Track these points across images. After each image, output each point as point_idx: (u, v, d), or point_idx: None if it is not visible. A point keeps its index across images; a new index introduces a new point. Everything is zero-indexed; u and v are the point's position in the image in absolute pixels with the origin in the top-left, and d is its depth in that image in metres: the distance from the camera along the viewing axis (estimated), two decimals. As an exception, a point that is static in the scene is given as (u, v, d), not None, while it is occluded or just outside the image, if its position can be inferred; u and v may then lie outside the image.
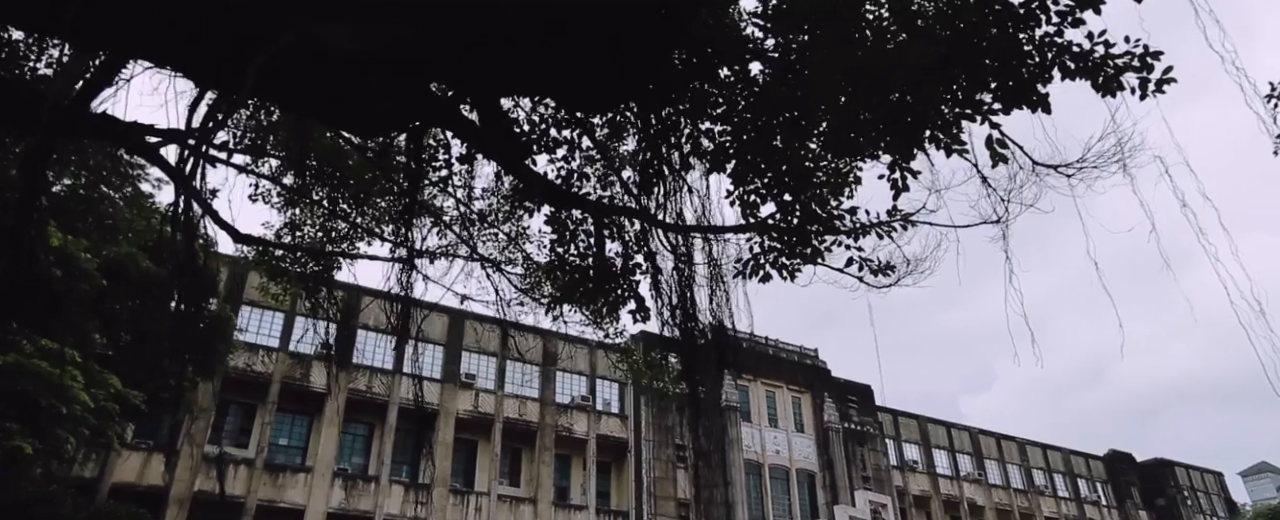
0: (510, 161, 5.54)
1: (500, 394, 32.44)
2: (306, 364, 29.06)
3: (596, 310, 8.14)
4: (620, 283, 6.22)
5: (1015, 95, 4.47)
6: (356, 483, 28.28)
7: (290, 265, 8.62)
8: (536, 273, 8.34)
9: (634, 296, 6.36)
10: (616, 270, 6.25)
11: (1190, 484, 54.02)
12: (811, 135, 4.94)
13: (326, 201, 7.87)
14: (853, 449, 39.21)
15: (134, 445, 24.87)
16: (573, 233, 6.32)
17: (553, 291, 8.01)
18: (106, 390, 15.33)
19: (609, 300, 6.26)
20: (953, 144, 4.73)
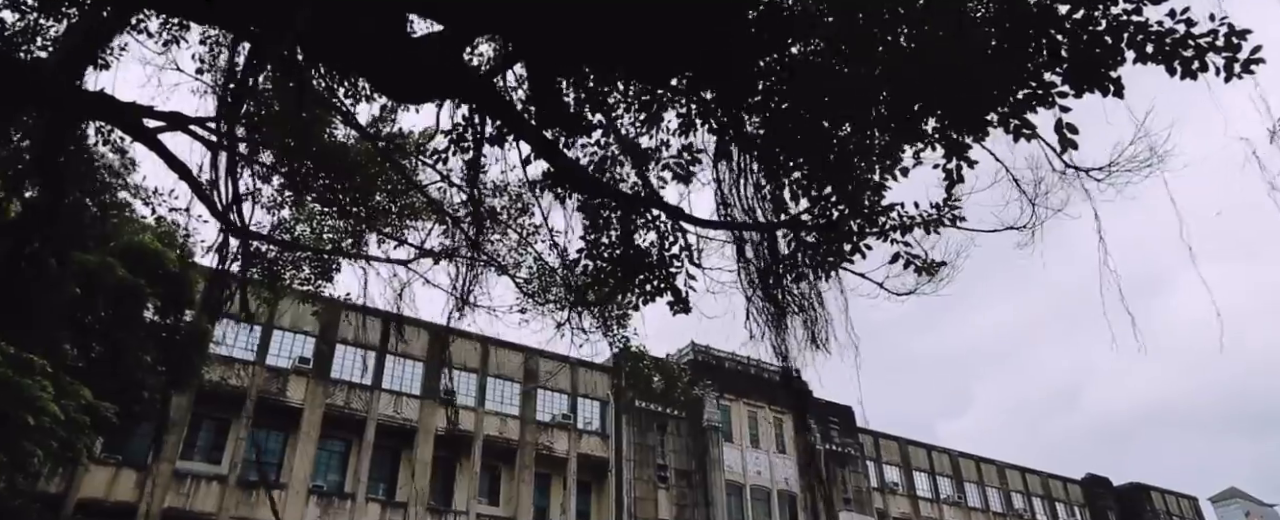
0: (543, 144, 5.33)
1: (480, 411, 31.99)
2: (283, 378, 28.51)
3: (614, 314, 7.89)
4: (656, 273, 5.94)
5: (1086, 77, 4.25)
6: (332, 500, 27.68)
7: (284, 268, 8.29)
8: (544, 276, 8.11)
9: (671, 288, 6.09)
10: (652, 260, 5.96)
11: (1165, 508, 54.36)
12: (865, 119, 4.73)
13: (323, 200, 7.59)
14: (834, 470, 39.06)
15: (103, 460, 24.18)
16: (605, 221, 6.06)
17: (562, 295, 7.79)
18: (77, 401, 14.81)
19: (644, 292, 5.96)
20: (1022, 127, 4.48)
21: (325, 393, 29.03)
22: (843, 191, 5.12)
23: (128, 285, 17.23)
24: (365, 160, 7.16)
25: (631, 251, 5.86)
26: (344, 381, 29.71)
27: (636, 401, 35.01)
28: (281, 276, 8.32)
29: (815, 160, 4.98)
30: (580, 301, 7.58)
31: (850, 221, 5.28)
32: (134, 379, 18.34)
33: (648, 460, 34.16)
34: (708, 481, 34.75)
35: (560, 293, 8.11)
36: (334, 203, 7.44)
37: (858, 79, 4.58)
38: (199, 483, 25.64)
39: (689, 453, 35.40)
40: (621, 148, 5.68)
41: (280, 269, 8.27)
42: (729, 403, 38.12)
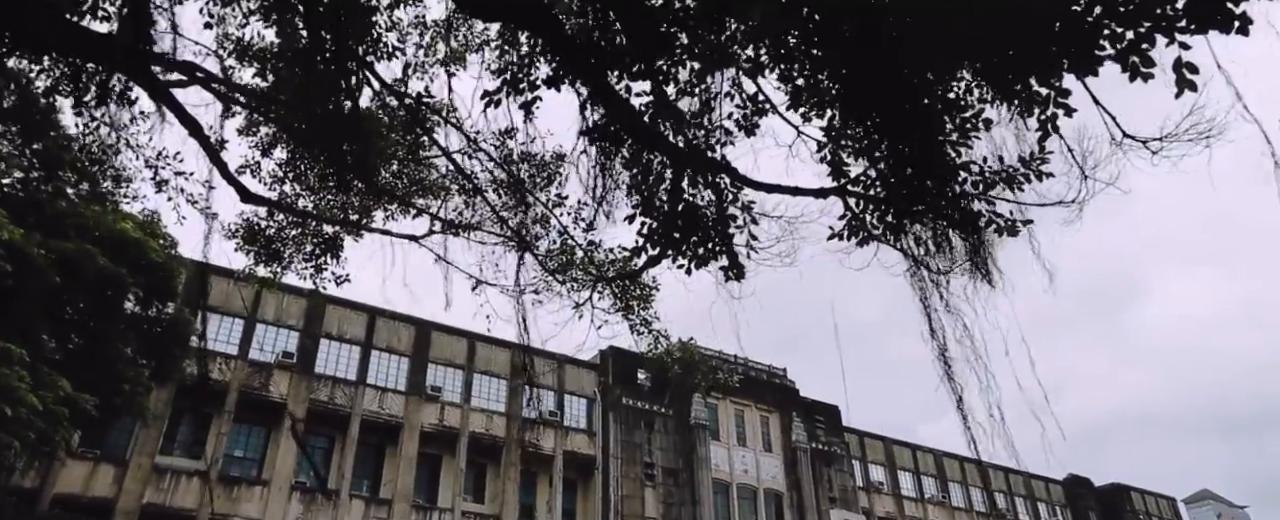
0: (601, 86, 5.01)
1: (466, 408, 31.68)
2: (266, 373, 28.07)
3: (636, 294, 7.60)
4: (711, 235, 5.59)
5: (1211, 12, 3.83)
6: (315, 497, 27.27)
7: (286, 245, 7.96)
8: (566, 253, 7.78)
9: (727, 252, 5.76)
10: (708, 221, 5.63)
11: (1145, 509, 54.85)
12: (953, 64, 4.45)
13: (326, 176, 7.26)
14: (820, 469, 39.04)
15: (80, 454, 23.71)
16: (656, 179, 5.77)
17: (583, 273, 7.48)
18: (55, 393, 14.43)
19: (695, 256, 5.61)
20: (1142, 64, 4.05)
21: (309, 388, 28.61)
22: (917, 149, 4.83)
23: (109, 274, 16.81)
24: (376, 131, 6.83)
25: (684, 211, 5.51)
26: (328, 376, 29.30)
27: (623, 399, 34.85)
28: (281, 255, 8.01)
29: (889, 115, 4.70)
30: (603, 278, 7.29)
31: (924, 180, 5.00)
32: (114, 371, 17.92)
33: (634, 458, 33.97)
34: (694, 480, 34.61)
35: (580, 272, 7.82)
36: (341, 177, 7.11)
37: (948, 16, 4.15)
38: (179, 478, 25.18)
39: (676, 451, 35.24)
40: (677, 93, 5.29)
41: (280, 247, 7.96)
42: (716, 401, 38.00)
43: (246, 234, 7.98)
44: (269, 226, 7.89)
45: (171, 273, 19.40)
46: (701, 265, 5.63)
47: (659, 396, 36.20)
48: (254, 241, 7.97)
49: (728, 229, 5.54)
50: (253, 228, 7.88)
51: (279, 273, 8.11)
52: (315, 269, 8.09)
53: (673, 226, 5.45)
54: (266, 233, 7.91)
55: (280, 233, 7.91)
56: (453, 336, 32.92)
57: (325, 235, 7.99)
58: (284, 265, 8.08)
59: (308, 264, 8.06)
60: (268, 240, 7.89)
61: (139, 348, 19.42)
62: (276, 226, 7.92)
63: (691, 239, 5.59)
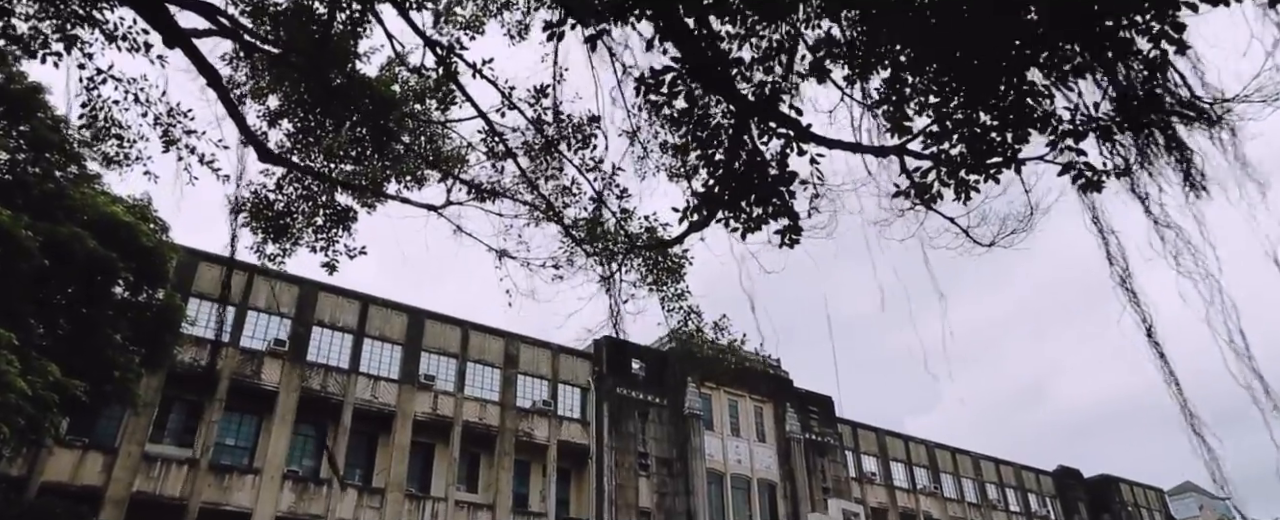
0: (673, 22, 4.66)
1: (460, 396, 31.44)
2: (257, 360, 27.74)
3: (665, 265, 7.31)
4: (772, 193, 5.25)
5: None
6: (307, 485, 27.01)
7: (295, 217, 7.61)
8: (595, 224, 7.46)
9: (787, 212, 5.39)
10: (769, 179, 5.38)
11: (1133, 500, 55.25)
12: None
13: (341, 142, 6.93)
14: (814, 460, 39.04)
15: (68, 442, 23.36)
16: (714, 131, 5.31)
17: (611, 244, 7.17)
18: (45, 379, 14.13)
19: (750, 219, 5.29)
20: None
21: (301, 376, 28.30)
22: (998, 98, 4.56)
23: (99, 258, 16.47)
24: (390, 97, 6.52)
25: (745, 167, 5.20)
26: (320, 364, 28.99)
27: (617, 389, 34.70)
28: (289, 230, 7.67)
29: (970, 64, 4.43)
30: (636, 247, 7.01)
31: (1004, 133, 4.74)
32: (104, 357, 17.60)
33: (628, 448, 33.84)
34: (688, 470, 34.52)
35: (611, 242, 7.53)
36: (356, 145, 6.79)
37: None
38: (169, 466, 24.86)
39: (670, 441, 35.13)
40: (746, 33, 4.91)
41: (289, 221, 7.62)
42: (709, 391, 37.91)
43: (253, 208, 7.64)
44: (278, 200, 7.58)
45: (163, 257, 19.05)
46: (755, 228, 5.32)
47: (653, 386, 36.06)
48: (260, 217, 7.63)
49: (791, 186, 5.21)
50: (260, 201, 7.56)
51: (288, 249, 7.79)
52: (327, 242, 7.77)
53: (730, 184, 5.15)
54: (274, 206, 7.58)
55: (289, 206, 7.59)
56: (446, 325, 32.67)
57: (337, 208, 7.66)
58: (293, 240, 7.75)
59: (319, 236, 7.72)
60: (276, 215, 7.56)
61: (129, 334, 19.09)
62: (285, 200, 7.60)
63: (748, 198, 5.28)
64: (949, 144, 4.84)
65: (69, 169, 19.30)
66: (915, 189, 5.24)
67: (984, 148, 4.71)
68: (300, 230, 7.60)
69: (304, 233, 7.60)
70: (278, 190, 7.49)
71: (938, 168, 5.03)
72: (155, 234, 19.18)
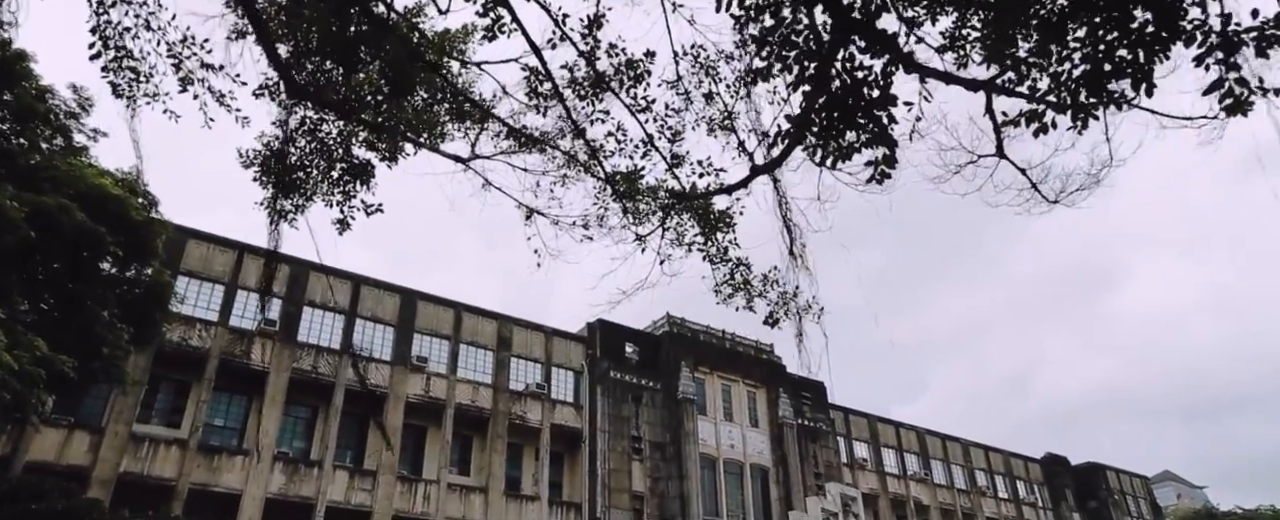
0: None
1: (453, 379, 31.12)
2: (247, 340, 27.31)
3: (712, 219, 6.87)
4: (869, 118, 4.74)
5: None
6: (298, 467, 26.67)
7: (310, 172, 7.17)
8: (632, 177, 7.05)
9: (884, 139, 4.82)
10: (868, 101, 4.76)
11: (1119, 487, 55.69)
12: None
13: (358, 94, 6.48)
14: (806, 445, 39.01)
15: (53, 421, 22.91)
16: (804, 50, 4.71)
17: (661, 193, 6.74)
18: (31, 354, 13.71)
19: (841, 145, 4.85)
20: None
21: (292, 356, 27.90)
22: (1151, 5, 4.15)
23: (87, 231, 16.00)
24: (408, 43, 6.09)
25: (843, 90, 4.76)
26: (311, 345, 28.59)
27: (611, 372, 34.47)
28: (302, 186, 7.23)
29: None
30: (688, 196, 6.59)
31: (1138, 49, 4.34)
32: (92, 334, 17.16)
33: (622, 432, 33.66)
34: (681, 454, 34.39)
35: (650, 197, 7.15)
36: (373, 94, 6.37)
37: None
38: (157, 446, 24.46)
39: (663, 425, 34.97)
40: None
41: (303, 176, 7.18)
42: (703, 376, 37.76)
43: (265, 162, 7.20)
44: (290, 153, 7.14)
45: (152, 232, 18.57)
46: (846, 157, 4.91)
47: (647, 370, 35.86)
48: (271, 171, 7.20)
49: (892, 109, 4.82)
50: (271, 155, 7.11)
51: (301, 205, 7.35)
52: (344, 196, 7.34)
53: (824, 106, 4.73)
54: (287, 159, 7.15)
55: (303, 160, 7.16)
56: (439, 306, 32.31)
57: (355, 161, 7.24)
58: (306, 196, 7.30)
59: (335, 190, 7.30)
60: (288, 169, 7.13)
61: (117, 310, 18.64)
62: (298, 153, 7.17)
63: (844, 122, 4.81)
64: (1070, 66, 4.47)
65: (55, 140, 18.79)
66: (1026, 117, 4.86)
67: (1111, 68, 4.34)
68: (315, 185, 7.17)
69: (319, 187, 7.18)
70: (289, 143, 7.07)
71: (1057, 88, 4.63)
72: (145, 209, 18.70)
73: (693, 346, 38.20)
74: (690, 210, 7.15)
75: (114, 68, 6.09)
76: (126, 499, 23.12)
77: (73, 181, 16.80)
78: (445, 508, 28.65)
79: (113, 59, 6.04)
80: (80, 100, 18.93)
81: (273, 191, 6.96)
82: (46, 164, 17.00)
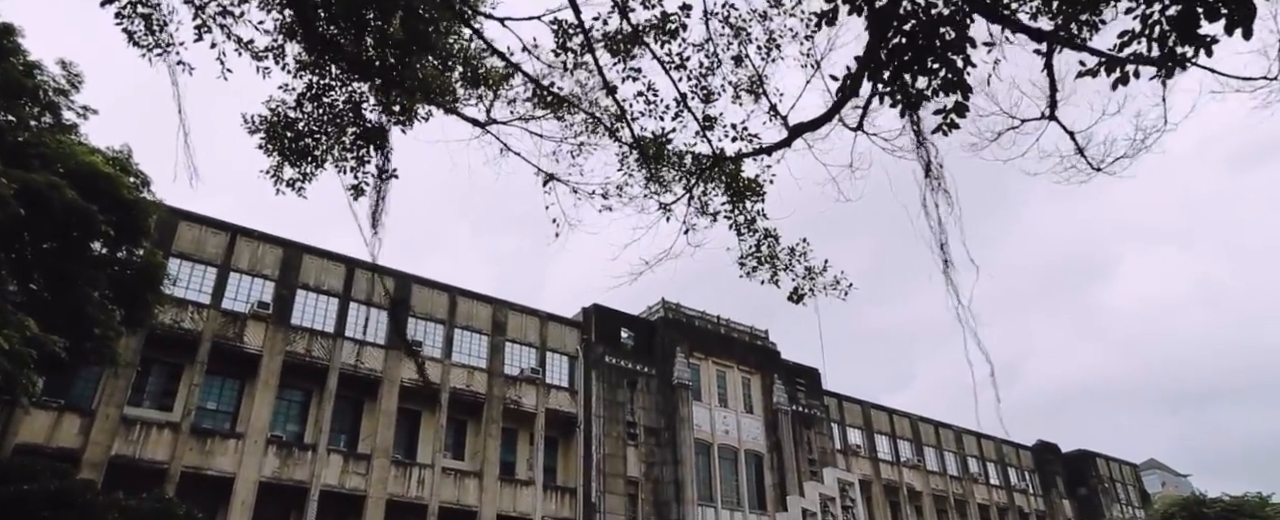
0: None
1: (447, 363, 30.93)
2: (240, 323, 27.03)
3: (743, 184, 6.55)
4: (948, 59, 4.33)
5: None
6: (292, 451, 26.48)
7: (319, 138, 6.89)
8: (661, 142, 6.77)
9: (959, 85, 4.44)
10: (940, 45, 4.36)
11: (1109, 474, 56.08)
12: None
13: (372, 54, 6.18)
14: (800, 431, 39.05)
15: (43, 403, 22.64)
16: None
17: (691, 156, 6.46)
18: (22, 334, 13.45)
19: (911, 96, 4.56)
20: None
21: (285, 339, 27.64)
22: None
23: (77, 210, 15.69)
24: None
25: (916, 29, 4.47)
26: (305, 328, 28.33)
27: (606, 357, 34.35)
28: (312, 152, 6.93)
29: None
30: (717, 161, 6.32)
31: None
32: (83, 314, 16.87)
33: (617, 417, 33.58)
34: (676, 439, 34.36)
35: (678, 163, 6.91)
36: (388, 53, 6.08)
37: None
38: (149, 430, 24.21)
39: (658, 410, 34.91)
40: None
41: (312, 142, 6.88)
42: (698, 361, 37.70)
43: (271, 128, 6.89)
44: (299, 119, 6.84)
45: (144, 212, 18.26)
46: (914, 107, 4.66)
47: (642, 355, 35.76)
48: (277, 138, 6.88)
49: (967, 53, 4.55)
50: (279, 120, 6.80)
51: (309, 173, 7.07)
52: (357, 161, 7.05)
53: (894, 49, 4.49)
54: (296, 125, 6.84)
55: (312, 124, 6.87)
56: (433, 290, 32.07)
57: (368, 124, 6.94)
58: (316, 163, 7.01)
59: (348, 155, 7.00)
60: (297, 135, 6.82)
61: (108, 291, 18.35)
62: (306, 117, 6.87)
63: (917, 65, 4.51)
64: (1160, 6, 4.24)
65: (44, 118, 18.42)
66: (1106, 66, 4.64)
67: (1204, 9, 4.10)
68: (325, 151, 6.88)
69: (329, 153, 6.89)
70: (298, 108, 6.78)
71: (1148, 30, 4.40)
72: (136, 188, 18.38)
73: (688, 332, 38.11)
74: (720, 176, 6.92)
75: (128, 14, 5.82)
76: (118, 482, 22.86)
77: (62, 159, 16.48)
78: (440, 492, 28.54)
79: (125, 4, 5.76)
80: (69, 76, 18.54)
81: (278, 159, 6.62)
82: (35, 141, 16.65)
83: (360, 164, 6.87)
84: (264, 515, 25.56)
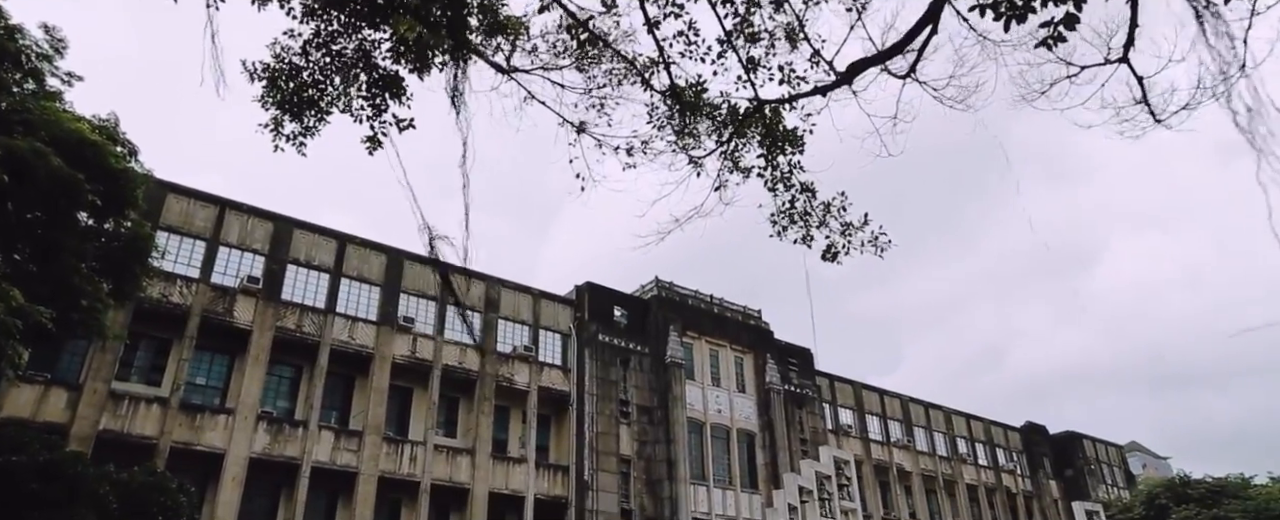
0: None
1: (439, 340, 30.69)
2: (230, 297, 26.66)
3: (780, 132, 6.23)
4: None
5: None
6: (283, 427, 26.22)
7: (328, 88, 6.49)
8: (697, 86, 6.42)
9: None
10: None
11: (1095, 455, 56.62)
12: None
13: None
14: (792, 411, 39.10)
15: (29, 377, 22.29)
16: None
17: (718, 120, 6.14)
18: (7, 304, 13.11)
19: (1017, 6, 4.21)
20: None
21: (275, 315, 27.30)
22: None
23: (63, 178, 15.25)
24: None
25: None
26: (295, 304, 27.99)
27: (599, 335, 34.18)
28: (318, 103, 6.53)
29: None
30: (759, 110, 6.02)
31: None
32: (70, 286, 16.49)
33: (609, 395, 33.47)
34: (669, 418, 34.31)
35: (708, 120, 6.60)
36: None
37: None
38: (137, 404, 23.90)
39: (651, 389, 34.82)
40: None
41: (318, 93, 6.48)
42: (691, 340, 37.60)
43: (273, 76, 6.47)
44: (305, 67, 6.43)
45: (132, 182, 17.81)
46: (1021, 18, 4.40)
47: (635, 334, 35.62)
48: (280, 87, 6.46)
49: None
50: (283, 67, 6.38)
51: (313, 126, 6.66)
52: (373, 110, 6.64)
53: None
54: (301, 74, 6.43)
55: (318, 73, 6.47)
56: (426, 266, 31.72)
57: (382, 72, 6.55)
58: (321, 114, 6.58)
59: (363, 102, 6.60)
60: (301, 85, 6.41)
61: (96, 262, 17.95)
62: (312, 66, 6.47)
63: None
64: None
65: (26, 84, 17.91)
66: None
67: None
68: (331, 102, 6.46)
69: (335, 103, 6.47)
70: (304, 56, 6.38)
71: None
72: (124, 157, 17.93)
73: (681, 311, 37.97)
74: (758, 126, 6.62)
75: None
76: (106, 457, 22.49)
77: (47, 125, 16.00)
78: (432, 469, 28.40)
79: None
80: (53, 42, 18.01)
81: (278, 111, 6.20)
82: (19, 106, 16.18)
83: (377, 113, 6.48)
84: (255, 491, 25.38)
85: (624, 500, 31.79)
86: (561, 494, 30.95)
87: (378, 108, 6.41)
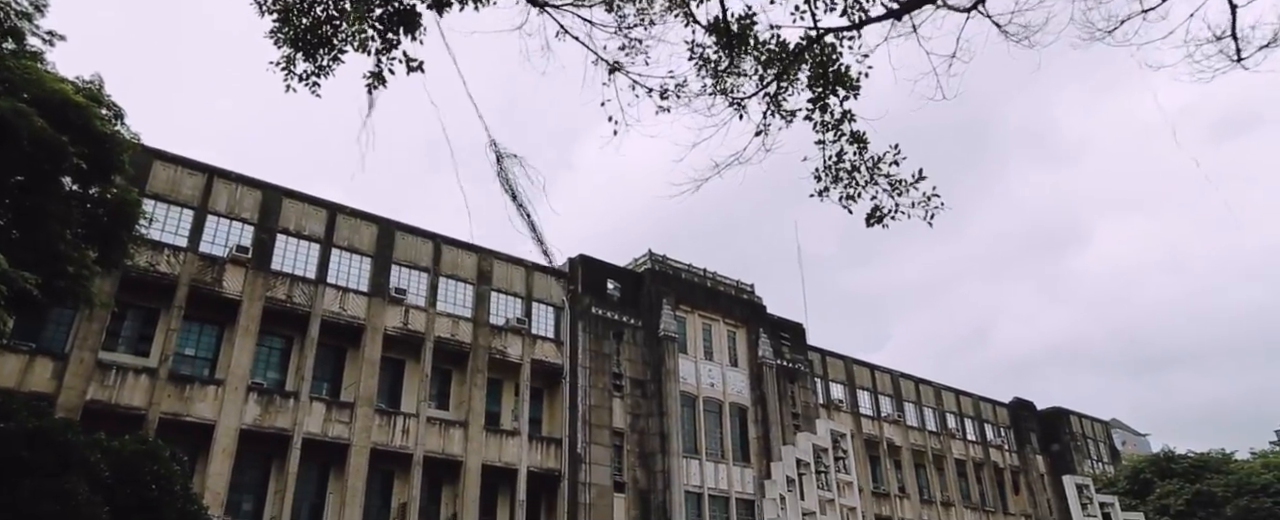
0: None
1: (432, 312, 30.38)
2: (219, 267, 26.21)
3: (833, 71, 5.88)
4: None
5: None
6: (273, 398, 25.93)
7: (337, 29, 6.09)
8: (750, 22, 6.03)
9: None
10: None
11: (1082, 431, 57.19)
12: None
13: None
14: (784, 385, 39.13)
15: (14, 347, 21.89)
16: None
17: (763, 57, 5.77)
18: (-9, 269, 12.69)
19: None
20: None
21: (265, 285, 26.90)
22: None
23: (46, 140, 14.78)
24: None
25: None
26: (286, 274, 27.58)
27: (593, 308, 33.96)
28: (331, 41, 6.17)
29: None
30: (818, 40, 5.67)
31: None
32: (55, 252, 16.06)
33: (602, 368, 33.33)
34: (662, 391, 34.24)
35: (755, 58, 6.25)
36: None
37: None
38: (125, 375, 23.53)
39: (644, 362, 34.71)
40: None
41: (330, 30, 6.11)
42: (684, 314, 37.46)
43: (284, 12, 6.07)
44: (318, 4, 6.03)
45: (118, 146, 17.32)
46: None
47: (628, 307, 35.42)
48: (290, 23, 6.09)
49: None
50: (295, 4, 5.99)
51: (326, 66, 6.31)
52: (384, 46, 6.28)
53: None
54: (314, 8, 6.05)
55: (333, 6, 6.09)
56: (418, 238, 31.36)
57: (397, 5, 6.17)
58: (334, 53, 6.22)
59: (375, 39, 6.24)
60: (314, 23, 6.04)
61: (80, 230, 17.49)
62: (325, 5, 6.07)
63: None
64: None
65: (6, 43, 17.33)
66: None
67: None
68: (348, 38, 6.10)
69: (352, 38, 6.12)
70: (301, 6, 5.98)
71: None
72: (110, 120, 17.42)
73: (674, 284, 37.78)
74: (809, 63, 6.27)
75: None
76: (94, 427, 22.14)
77: (29, 85, 15.48)
78: (424, 441, 28.23)
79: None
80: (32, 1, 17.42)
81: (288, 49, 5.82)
82: (0, 66, 15.64)
83: (388, 47, 6.11)
84: (246, 463, 25.16)
85: (617, 473, 31.78)
86: (554, 466, 30.89)
87: (389, 43, 6.05)
